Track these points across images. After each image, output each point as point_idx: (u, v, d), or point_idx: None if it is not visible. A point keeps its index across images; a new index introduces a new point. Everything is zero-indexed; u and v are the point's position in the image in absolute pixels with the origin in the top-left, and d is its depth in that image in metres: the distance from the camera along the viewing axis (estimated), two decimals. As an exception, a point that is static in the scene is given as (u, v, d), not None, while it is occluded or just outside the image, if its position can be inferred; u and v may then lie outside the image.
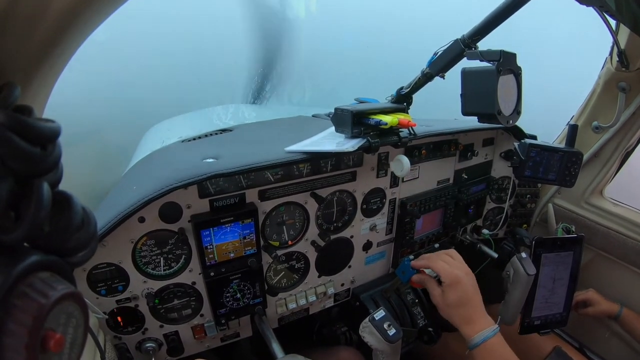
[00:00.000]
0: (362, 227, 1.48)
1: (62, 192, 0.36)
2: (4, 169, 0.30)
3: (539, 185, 1.91)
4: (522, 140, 1.40)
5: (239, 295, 1.24)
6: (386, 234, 1.58)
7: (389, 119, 1.13)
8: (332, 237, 1.40)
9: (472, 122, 1.12)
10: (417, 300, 1.57)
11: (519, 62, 1.05)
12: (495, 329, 1.11)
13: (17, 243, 0.32)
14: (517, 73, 1.05)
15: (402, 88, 1.29)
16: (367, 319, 1.22)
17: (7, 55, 0.37)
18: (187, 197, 1.07)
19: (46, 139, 0.33)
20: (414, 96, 1.31)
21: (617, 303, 1.62)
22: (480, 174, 1.79)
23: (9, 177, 0.30)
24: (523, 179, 1.41)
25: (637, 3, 0.85)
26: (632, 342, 1.65)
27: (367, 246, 1.53)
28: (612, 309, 1.60)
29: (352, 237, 1.46)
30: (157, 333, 1.20)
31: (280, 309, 1.39)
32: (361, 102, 1.41)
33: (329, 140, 1.19)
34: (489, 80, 0.99)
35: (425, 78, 1.20)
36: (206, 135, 1.64)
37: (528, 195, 1.90)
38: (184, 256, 1.14)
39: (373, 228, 1.50)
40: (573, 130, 1.41)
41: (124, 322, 1.14)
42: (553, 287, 1.47)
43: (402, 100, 1.31)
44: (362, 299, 1.55)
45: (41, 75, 0.44)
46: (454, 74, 1.12)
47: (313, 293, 1.45)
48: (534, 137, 1.60)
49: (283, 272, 1.38)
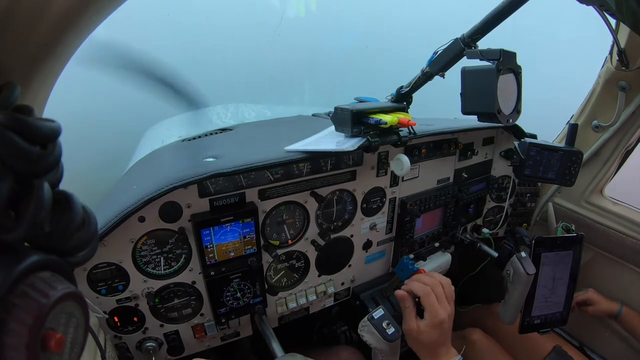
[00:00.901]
0: (362, 226, 1.48)
1: (63, 191, 0.36)
2: (4, 168, 0.30)
3: (539, 184, 1.91)
4: (522, 140, 1.40)
5: (239, 295, 1.24)
6: (386, 233, 1.58)
7: (388, 118, 1.13)
8: (332, 236, 1.40)
9: (472, 121, 1.12)
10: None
11: (519, 61, 1.05)
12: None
13: (17, 243, 0.32)
14: (517, 72, 1.05)
15: (402, 87, 1.29)
16: (365, 318, 1.22)
17: (7, 55, 0.37)
18: (187, 197, 1.07)
19: (46, 139, 0.33)
20: (414, 95, 1.31)
21: (616, 302, 1.62)
22: (480, 173, 1.79)
23: (9, 176, 0.30)
24: (523, 178, 1.41)
25: (637, 2, 0.85)
26: (632, 340, 1.65)
27: (367, 245, 1.53)
28: (612, 308, 1.60)
29: (352, 236, 1.46)
30: (157, 332, 1.21)
31: (281, 308, 1.40)
32: (361, 101, 1.41)
33: (329, 140, 1.19)
34: (489, 79, 0.98)
35: (425, 77, 1.20)
36: (206, 135, 1.64)
37: (528, 194, 1.90)
38: (184, 255, 1.14)
39: (373, 227, 1.50)
40: (573, 129, 1.41)
41: (124, 321, 1.14)
42: (553, 286, 1.48)
43: (402, 99, 1.31)
44: (362, 298, 1.55)
45: (41, 75, 0.44)
46: (454, 73, 1.12)
47: (313, 292, 1.45)
48: (534, 136, 1.60)
49: (283, 272, 1.38)
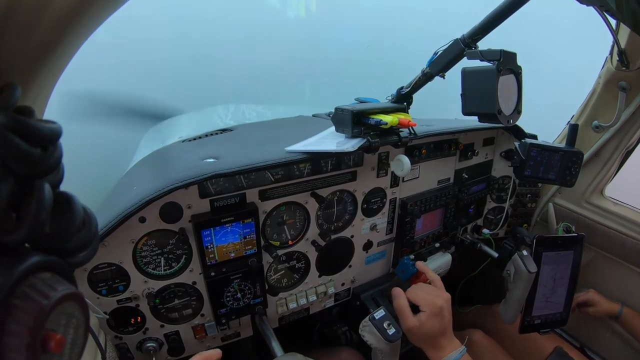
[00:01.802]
0: (362, 227, 1.48)
1: (63, 192, 0.36)
2: (5, 170, 0.30)
3: (540, 184, 1.91)
4: (523, 140, 1.40)
5: (239, 295, 1.24)
6: (386, 234, 1.58)
7: (389, 119, 1.13)
8: (333, 236, 1.40)
9: (473, 121, 1.12)
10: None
11: (519, 62, 1.05)
12: (462, 351, 1.08)
13: (18, 244, 0.32)
14: (517, 72, 1.05)
15: (402, 88, 1.29)
16: (367, 318, 1.22)
17: (8, 56, 0.37)
18: (188, 197, 1.07)
19: (47, 140, 0.33)
20: (415, 96, 1.31)
21: (617, 302, 1.62)
22: (480, 174, 1.78)
23: (10, 178, 0.30)
24: (523, 178, 1.41)
25: (637, 2, 0.85)
26: (633, 341, 1.65)
27: (368, 246, 1.53)
28: (612, 309, 1.60)
29: (352, 236, 1.46)
30: (157, 333, 1.21)
31: (281, 308, 1.40)
32: (361, 101, 1.41)
33: (329, 140, 1.19)
34: (489, 79, 0.98)
35: (425, 78, 1.20)
36: (206, 135, 1.64)
37: (528, 195, 1.90)
38: (184, 256, 1.14)
39: (373, 228, 1.50)
40: (573, 129, 1.41)
41: (125, 322, 1.14)
42: (554, 286, 1.47)
43: (403, 99, 1.31)
44: (362, 298, 1.55)
45: (42, 76, 0.44)
46: (454, 74, 1.12)
47: (313, 293, 1.45)
48: (534, 137, 1.60)
49: (283, 272, 1.38)
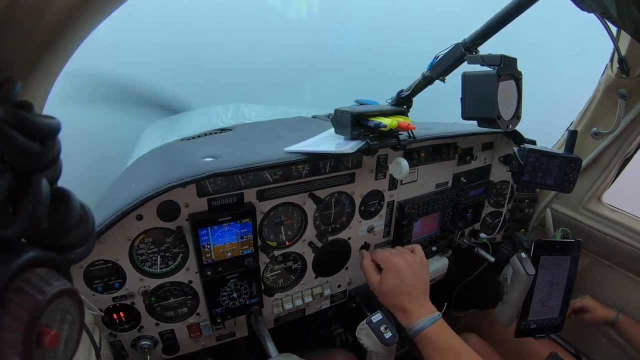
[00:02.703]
0: (359, 229, 1.47)
1: (61, 188, 0.36)
2: (3, 164, 0.30)
3: (538, 190, 1.91)
4: (522, 145, 1.40)
5: (235, 295, 1.24)
6: (384, 236, 1.58)
7: (388, 122, 1.13)
8: (330, 238, 1.40)
9: (472, 126, 1.13)
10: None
11: (520, 67, 1.06)
12: (436, 317, 1.08)
13: (14, 238, 0.32)
14: (517, 78, 1.06)
15: (402, 91, 1.29)
16: (364, 321, 1.22)
17: (8, 50, 0.37)
18: (186, 196, 1.07)
19: (46, 135, 0.33)
20: (414, 99, 1.31)
21: (613, 309, 1.62)
22: (478, 178, 1.79)
23: (8, 172, 0.30)
24: (522, 183, 1.41)
25: (639, 9, 0.86)
26: (629, 348, 1.65)
27: (365, 248, 1.53)
28: (608, 315, 1.60)
29: (349, 238, 1.46)
30: (152, 331, 1.20)
31: (277, 309, 1.39)
32: (361, 104, 1.42)
33: (328, 142, 1.19)
34: (490, 84, 0.99)
35: (425, 81, 1.21)
36: (205, 134, 1.64)
37: (526, 200, 1.91)
38: (181, 255, 1.14)
39: (371, 230, 1.50)
40: (572, 135, 1.41)
41: (120, 319, 1.14)
42: (550, 291, 1.48)
43: (402, 103, 1.31)
44: (358, 300, 1.55)
45: (42, 71, 0.44)
46: (455, 78, 1.12)
47: (309, 294, 1.45)
48: (533, 142, 1.60)
49: (280, 273, 1.38)
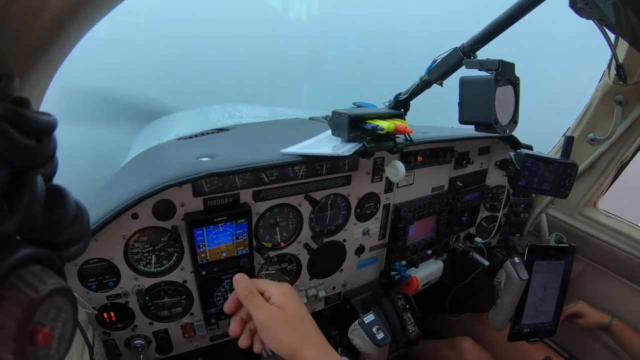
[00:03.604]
0: (355, 231, 1.48)
1: (56, 186, 0.36)
2: (-1, 160, 0.30)
3: (533, 195, 1.92)
4: (518, 150, 1.40)
5: (229, 295, 1.23)
6: (379, 239, 1.58)
7: (385, 125, 1.13)
8: (325, 240, 1.39)
9: (469, 130, 1.13)
10: (407, 306, 1.57)
11: (518, 72, 1.06)
12: None
13: (9, 235, 0.31)
14: (515, 83, 1.06)
15: (400, 94, 1.30)
16: (356, 322, 1.23)
17: (6, 46, 0.37)
18: (181, 195, 1.07)
19: (42, 132, 0.33)
20: (412, 103, 1.31)
21: (607, 314, 1.63)
22: (475, 182, 1.79)
23: (3, 168, 0.30)
24: (517, 188, 1.42)
25: (637, 17, 0.86)
26: (622, 353, 1.66)
27: (360, 250, 1.53)
28: (602, 320, 1.61)
29: (344, 240, 1.46)
30: (146, 330, 1.20)
31: (271, 310, 1.39)
32: (359, 106, 1.42)
33: (325, 144, 1.19)
34: (487, 89, 0.99)
35: (423, 85, 1.21)
36: (202, 134, 1.64)
37: (522, 205, 1.91)
38: (176, 254, 1.14)
39: (366, 232, 1.50)
40: (569, 141, 1.42)
41: (114, 318, 1.13)
42: (544, 296, 1.48)
43: (400, 106, 1.32)
44: (353, 302, 1.55)
45: (40, 68, 0.44)
46: (452, 82, 1.12)
47: (304, 295, 1.44)
48: (530, 147, 1.61)
49: (274, 274, 1.38)
